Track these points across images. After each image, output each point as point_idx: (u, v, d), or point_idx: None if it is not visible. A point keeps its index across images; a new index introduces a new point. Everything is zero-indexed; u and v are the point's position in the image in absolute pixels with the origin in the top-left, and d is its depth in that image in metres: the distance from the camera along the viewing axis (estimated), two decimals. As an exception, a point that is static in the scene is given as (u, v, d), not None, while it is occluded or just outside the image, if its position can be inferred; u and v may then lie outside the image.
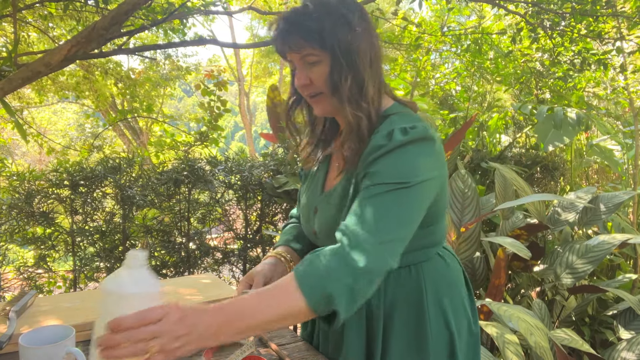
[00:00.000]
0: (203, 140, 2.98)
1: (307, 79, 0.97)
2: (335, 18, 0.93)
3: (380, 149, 0.89)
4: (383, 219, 0.83)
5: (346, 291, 0.78)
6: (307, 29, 0.93)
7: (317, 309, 0.78)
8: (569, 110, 3.28)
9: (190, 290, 1.34)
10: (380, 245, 0.81)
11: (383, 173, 0.87)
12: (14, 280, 2.45)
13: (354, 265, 0.79)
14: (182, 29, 4.12)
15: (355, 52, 0.93)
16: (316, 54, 0.94)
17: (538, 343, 1.59)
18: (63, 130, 11.39)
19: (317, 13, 0.93)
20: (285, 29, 0.95)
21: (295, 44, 0.95)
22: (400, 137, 0.88)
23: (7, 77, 2.14)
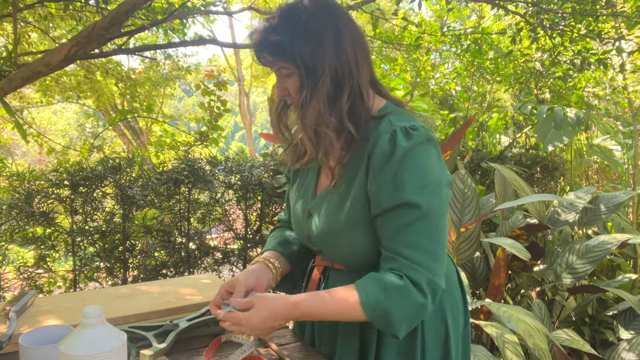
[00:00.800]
0: (203, 140, 2.99)
1: (284, 90, 0.97)
2: (296, 31, 0.90)
3: (389, 159, 0.89)
4: (431, 245, 0.88)
5: (407, 324, 0.89)
6: (273, 44, 0.92)
7: (378, 327, 0.90)
8: (568, 110, 3.28)
9: (190, 290, 1.34)
10: (437, 272, 0.89)
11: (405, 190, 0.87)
12: (14, 280, 2.45)
13: (415, 300, 0.87)
14: (182, 29, 4.12)
15: (317, 66, 0.90)
16: (287, 67, 0.93)
17: (537, 345, 1.59)
18: (63, 130, 11.38)
19: (281, 27, 0.91)
20: (256, 44, 0.95)
21: (265, 59, 0.95)
22: (405, 143, 0.88)
23: (7, 77, 2.14)
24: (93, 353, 0.77)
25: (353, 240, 0.95)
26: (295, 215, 1.11)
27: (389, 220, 0.89)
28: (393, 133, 0.90)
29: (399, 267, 0.87)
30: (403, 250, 0.88)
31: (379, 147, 0.90)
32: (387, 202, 0.89)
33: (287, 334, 1.16)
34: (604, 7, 3.24)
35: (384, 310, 0.86)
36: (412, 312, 0.87)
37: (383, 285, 0.87)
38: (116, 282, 2.47)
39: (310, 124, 0.94)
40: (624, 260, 3.10)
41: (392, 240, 0.89)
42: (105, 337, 0.79)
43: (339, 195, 0.97)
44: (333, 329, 1.04)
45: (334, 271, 1.06)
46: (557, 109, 3.24)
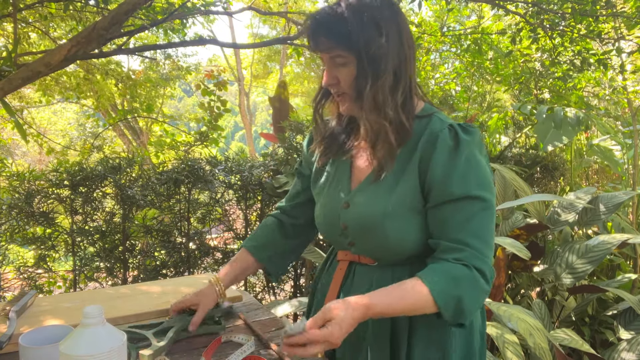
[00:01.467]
0: (203, 140, 2.99)
1: (335, 78, 0.97)
2: (364, 21, 0.92)
3: (454, 153, 0.92)
4: (490, 236, 0.93)
5: (475, 309, 0.91)
6: (335, 31, 0.93)
7: (447, 318, 0.89)
8: (568, 110, 3.28)
9: (190, 290, 1.34)
10: (491, 263, 0.93)
11: (471, 183, 0.91)
12: (14, 280, 2.45)
13: (483, 288, 0.90)
14: (182, 29, 4.12)
15: (382, 58, 0.92)
16: (344, 55, 0.94)
17: (537, 344, 1.59)
18: (63, 130, 11.39)
19: (346, 14, 0.92)
20: (314, 29, 0.95)
21: (324, 45, 0.95)
22: (466, 137, 0.92)
23: (7, 77, 2.14)
24: (93, 353, 0.77)
25: (396, 229, 0.95)
26: (325, 207, 1.08)
27: (457, 210, 0.91)
28: (451, 128, 0.94)
29: (466, 257, 0.90)
30: (471, 240, 0.90)
31: (441, 140, 0.93)
32: (458, 191, 0.91)
33: (287, 334, 1.16)
34: (604, 7, 3.25)
35: (457, 299, 0.87)
36: (481, 300, 0.91)
37: (451, 274, 0.89)
38: (116, 282, 2.47)
39: (368, 114, 0.94)
40: (624, 260, 3.10)
41: (459, 230, 0.91)
42: (105, 337, 0.79)
43: (385, 187, 0.97)
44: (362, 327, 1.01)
45: (360, 266, 1.05)
46: (557, 109, 3.24)
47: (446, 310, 0.87)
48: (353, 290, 1.05)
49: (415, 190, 0.95)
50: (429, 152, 0.94)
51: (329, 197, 1.08)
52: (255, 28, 15.79)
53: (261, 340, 1.11)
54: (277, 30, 14.08)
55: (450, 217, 0.92)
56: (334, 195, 1.07)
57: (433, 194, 0.93)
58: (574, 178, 4.16)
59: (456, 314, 0.88)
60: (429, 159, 0.93)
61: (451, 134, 0.93)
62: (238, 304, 1.34)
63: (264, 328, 1.18)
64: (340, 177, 1.08)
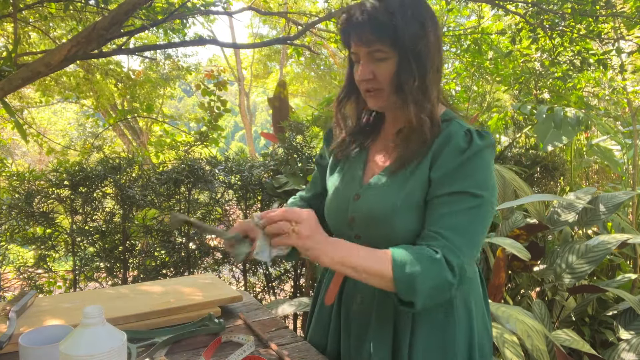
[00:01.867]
0: (203, 140, 2.99)
1: (371, 73, 0.97)
2: (409, 17, 0.93)
3: (462, 153, 0.94)
4: (475, 234, 0.93)
5: (429, 296, 0.89)
6: (381, 25, 0.93)
7: (399, 291, 0.89)
8: (568, 110, 3.28)
9: (190, 290, 1.34)
10: (470, 259, 0.92)
11: (469, 182, 0.93)
12: (14, 280, 2.45)
13: (445, 277, 0.89)
14: (182, 29, 4.12)
15: (425, 54, 0.95)
16: (385, 50, 0.95)
17: (535, 345, 1.59)
18: (63, 130, 11.39)
19: (392, 9, 0.93)
20: (359, 21, 0.95)
21: (366, 38, 0.95)
22: (480, 142, 0.94)
23: (7, 77, 2.14)
24: (93, 353, 0.77)
25: (403, 224, 0.97)
26: (336, 198, 1.10)
27: (446, 204, 0.93)
28: (467, 132, 0.96)
29: (439, 245, 0.90)
30: (445, 232, 0.91)
31: (454, 141, 0.95)
32: (454, 187, 0.93)
33: (287, 334, 1.16)
34: (604, 7, 3.25)
35: (411, 273, 0.87)
36: (437, 284, 0.89)
37: (417, 252, 0.90)
38: (116, 282, 2.47)
39: (412, 109, 0.96)
40: (624, 260, 3.10)
41: (438, 221, 0.93)
42: (105, 337, 0.79)
43: (397, 182, 0.99)
44: (365, 320, 1.04)
45: None
46: (556, 109, 3.24)
47: (398, 282, 0.88)
48: (357, 285, 1.06)
49: (424, 187, 0.97)
50: (440, 151, 0.96)
51: (340, 189, 1.10)
52: (255, 28, 15.80)
53: (261, 340, 1.11)
54: (277, 30, 14.08)
55: (437, 210, 0.94)
56: (345, 188, 1.08)
57: (431, 188, 0.95)
58: (574, 178, 4.16)
59: (408, 289, 0.88)
60: (437, 157, 0.96)
61: (466, 138, 0.95)
62: (238, 304, 1.34)
63: (264, 328, 1.18)
64: (353, 171, 1.09)
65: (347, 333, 1.08)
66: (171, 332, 1.12)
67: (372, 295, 1.04)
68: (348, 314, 1.08)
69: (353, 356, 1.05)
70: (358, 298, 1.06)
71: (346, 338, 1.08)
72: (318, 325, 1.17)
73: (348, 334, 1.08)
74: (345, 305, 1.09)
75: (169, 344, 1.08)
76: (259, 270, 2.84)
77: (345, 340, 1.08)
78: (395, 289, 0.89)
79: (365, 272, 0.89)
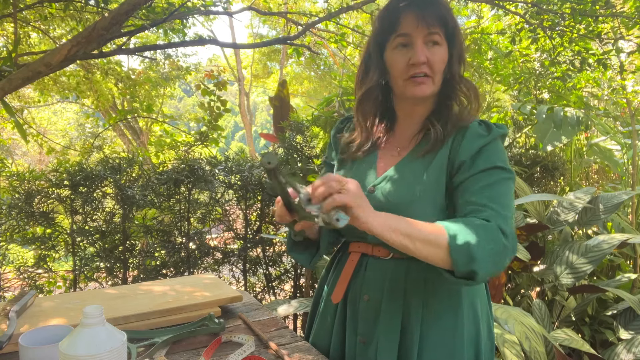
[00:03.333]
0: (203, 140, 2.99)
1: (425, 57, 0.98)
2: (450, 9, 1.00)
3: (484, 137, 0.98)
4: (509, 202, 0.95)
5: (491, 262, 0.85)
6: (444, 10, 0.98)
7: (456, 261, 0.84)
8: (568, 110, 3.28)
9: (190, 290, 1.34)
10: (512, 225, 0.92)
11: (496, 159, 0.96)
12: (14, 280, 2.45)
13: (502, 242, 0.87)
14: (182, 29, 4.12)
15: (462, 45, 1.02)
16: (441, 36, 0.99)
17: (533, 348, 1.59)
18: (63, 130, 11.39)
19: (445, 1, 0.99)
20: (423, 1, 0.97)
21: (431, 20, 0.97)
22: (497, 129, 0.99)
23: (7, 77, 2.14)
24: (93, 353, 0.77)
25: (423, 210, 0.96)
26: None
27: (483, 179, 0.94)
28: (481, 122, 1.01)
29: (488, 216, 0.89)
30: (489, 202, 0.91)
31: (472, 129, 0.99)
32: (487, 163, 0.95)
33: (287, 334, 1.16)
34: (603, 7, 3.25)
35: (467, 241, 0.83)
36: (495, 249, 0.85)
37: (468, 221, 0.88)
38: (116, 282, 2.47)
39: (462, 95, 1.02)
40: (624, 261, 3.10)
41: (479, 194, 0.93)
42: (105, 337, 0.79)
43: (413, 174, 1.00)
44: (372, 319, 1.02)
45: (373, 259, 1.04)
46: (556, 109, 3.24)
47: (454, 249, 0.83)
48: (365, 284, 1.04)
49: (441, 178, 0.98)
50: (460, 139, 0.99)
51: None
52: (255, 28, 15.80)
53: (261, 340, 1.11)
54: (277, 31, 14.08)
55: (474, 185, 0.95)
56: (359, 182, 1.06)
57: (462, 170, 0.97)
58: (574, 178, 4.16)
59: (466, 257, 0.83)
60: (458, 146, 0.99)
61: (481, 126, 1.00)
62: (238, 304, 1.34)
63: (264, 328, 1.18)
64: (365, 167, 1.09)
65: (353, 333, 1.06)
66: (171, 332, 1.12)
67: (380, 293, 1.02)
68: (354, 313, 1.06)
69: (358, 356, 1.03)
70: (365, 296, 1.04)
71: (351, 338, 1.06)
72: (321, 327, 1.15)
73: (354, 334, 1.05)
74: (351, 304, 1.07)
75: (169, 344, 1.08)
76: (259, 270, 2.84)
77: (351, 340, 1.06)
78: (450, 260, 0.83)
79: (420, 241, 0.83)
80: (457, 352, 0.99)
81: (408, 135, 1.08)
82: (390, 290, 0.99)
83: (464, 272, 0.84)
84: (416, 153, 1.03)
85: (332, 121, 2.76)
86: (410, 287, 1.00)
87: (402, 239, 0.83)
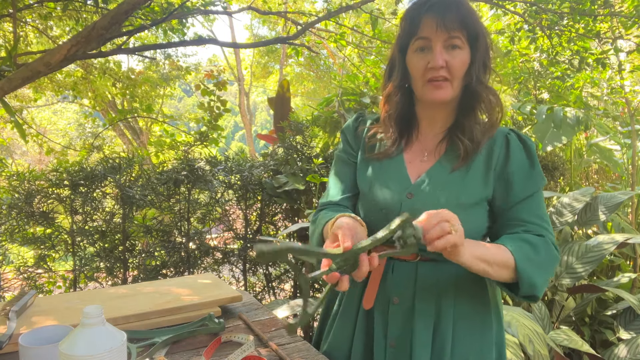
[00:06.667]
0: (203, 140, 2.98)
1: (444, 61, 0.97)
2: (475, 14, 0.99)
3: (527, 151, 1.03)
4: (545, 209, 1.02)
5: (547, 280, 0.96)
6: (467, 14, 0.97)
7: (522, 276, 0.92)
8: (568, 110, 3.28)
9: (190, 290, 1.34)
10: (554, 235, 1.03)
11: (540, 177, 1.02)
12: (14, 280, 2.45)
13: (556, 255, 0.98)
14: (181, 28, 4.12)
15: (487, 50, 1.01)
16: (462, 40, 0.98)
17: (537, 351, 1.59)
18: (63, 130, 11.39)
19: (467, 3, 0.98)
20: (445, 5, 0.96)
21: (451, 24, 0.96)
22: (528, 141, 1.04)
23: (7, 77, 2.14)
24: (93, 353, 0.77)
25: (467, 218, 0.95)
26: (384, 197, 1.04)
27: (530, 201, 1.00)
28: (511, 131, 1.05)
29: (537, 230, 0.98)
30: (536, 219, 0.99)
31: (512, 141, 1.03)
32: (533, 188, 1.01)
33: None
34: (602, 7, 3.25)
35: (531, 267, 0.92)
36: (553, 266, 0.97)
37: (527, 240, 0.95)
38: (116, 282, 2.47)
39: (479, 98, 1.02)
40: (624, 261, 3.09)
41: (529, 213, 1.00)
42: (105, 337, 0.79)
43: (456, 178, 1.01)
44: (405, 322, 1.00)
45: (400, 262, 1.02)
46: (556, 109, 3.24)
47: (521, 268, 0.90)
48: (394, 287, 1.02)
49: (482, 183, 1.01)
50: (502, 151, 1.02)
51: (383, 188, 1.05)
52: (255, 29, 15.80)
53: (261, 340, 1.11)
54: (277, 31, 14.08)
55: (524, 207, 1.00)
56: (390, 187, 1.04)
57: (514, 190, 1.00)
58: (574, 178, 4.16)
59: (529, 287, 0.92)
60: (504, 158, 1.02)
61: (516, 137, 1.04)
62: (238, 304, 1.34)
63: (264, 328, 1.18)
64: (394, 171, 1.07)
65: (382, 337, 1.02)
66: (171, 332, 1.12)
67: (411, 296, 1.00)
68: (383, 317, 1.03)
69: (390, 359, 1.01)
70: (395, 299, 1.02)
71: (380, 342, 1.02)
72: (340, 335, 1.09)
73: (383, 338, 1.02)
74: (379, 308, 1.04)
75: (169, 344, 1.08)
76: (259, 270, 2.84)
77: (379, 345, 1.02)
78: (518, 275, 0.91)
79: (497, 265, 0.91)
80: (486, 351, 1.00)
81: (433, 140, 1.07)
82: (421, 291, 0.98)
83: (526, 295, 0.94)
84: (447, 161, 1.03)
85: (332, 121, 2.76)
86: (442, 288, 1.00)
87: (485, 266, 0.90)
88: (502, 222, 1.02)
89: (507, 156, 1.01)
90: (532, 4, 3.41)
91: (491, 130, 1.03)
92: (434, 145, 1.06)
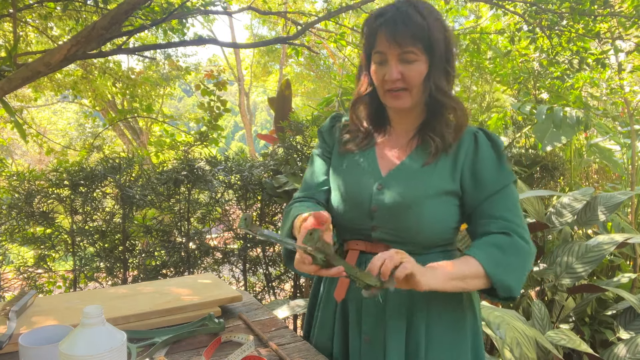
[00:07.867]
0: (203, 140, 2.99)
1: (399, 74, 0.99)
2: (436, 21, 0.99)
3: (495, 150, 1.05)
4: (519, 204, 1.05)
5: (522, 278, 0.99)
6: (418, 27, 0.97)
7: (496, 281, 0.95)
8: (567, 110, 3.28)
9: (190, 290, 1.34)
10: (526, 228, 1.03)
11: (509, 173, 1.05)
12: (14, 280, 2.45)
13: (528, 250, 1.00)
14: (181, 28, 4.12)
15: (450, 58, 1.03)
16: (417, 53, 0.98)
17: (524, 354, 1.59)
18: (63, 130, 11.39)
19: (424, 13, 0.97)
20: (394, 22, 0.97)
21: (401, 40, 0.97)
22: (498, 140, 1.06)
23: (7, 77, 2.14)
24: (93, 353, 0.77)
25: (432, 212, 1.01)
26: (354, 190, 1.08)
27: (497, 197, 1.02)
28: (480, 130, 1.07)
29: (505, 227, 0.99)
30: (506, 213, 1.01)
31: (480, 139, 1.05)
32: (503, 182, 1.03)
33: (287, 334, 1.16)
34: (602, 7, 3.25)
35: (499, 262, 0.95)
36: (526, 264, 0.99)
37: (493, 244, 0.98)
38: (116, 282, 2.47)
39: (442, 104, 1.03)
40: (624, 261, 3.09)
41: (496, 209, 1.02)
42: (105, 337, 0.79)
43: (424, 172, 1.03)
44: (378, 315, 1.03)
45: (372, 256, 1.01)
46: (556, 109, 3.24)
47: (492, 273, 0.94)
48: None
49: (450, 177, 1.03)
50: (470, 148, 1.05)
51: (355, 181, 1.09)
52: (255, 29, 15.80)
53: (261, 340, 1.11)
54: (277, 31, 14.07)
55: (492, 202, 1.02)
56: (361, 180, 1.08)
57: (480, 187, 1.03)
58: (574, 178, 4.16)
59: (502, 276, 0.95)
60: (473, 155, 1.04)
61: (484, 135, 1.06)
62: (238, 304, 1.34)
63: (264, 328, 1.18)
64: (365, 164, 1.10)
65: (357, 331, 1.05)
66: (171, 332, 1.12)
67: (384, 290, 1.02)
68: (357, 311, 1.05)
69: (364, 356, 1.03)
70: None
71: (355, 337, 1.05)
72: (322, 327, 1.13)
73: (357, 333, 1.05)
74: (353, 302, 1.06)
75: (168, 344, 1.08)
76: (259, 270, 2.84)
77: (354, 339, 1.05)
78: (491, 281, 0.95)
79: (469, 278, 0.94)
80: (461, 344, 1.02)
81: (405, 137, 1.10)
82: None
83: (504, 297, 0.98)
84: (418, 157, 1.06)
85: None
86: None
87: (456, 283, 0.93)
88: (474, 220, 1.04)
89: (476, 153, 1.04)
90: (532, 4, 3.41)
91: (459, 132, 1.06)
92: (406, 141, 1.10)
